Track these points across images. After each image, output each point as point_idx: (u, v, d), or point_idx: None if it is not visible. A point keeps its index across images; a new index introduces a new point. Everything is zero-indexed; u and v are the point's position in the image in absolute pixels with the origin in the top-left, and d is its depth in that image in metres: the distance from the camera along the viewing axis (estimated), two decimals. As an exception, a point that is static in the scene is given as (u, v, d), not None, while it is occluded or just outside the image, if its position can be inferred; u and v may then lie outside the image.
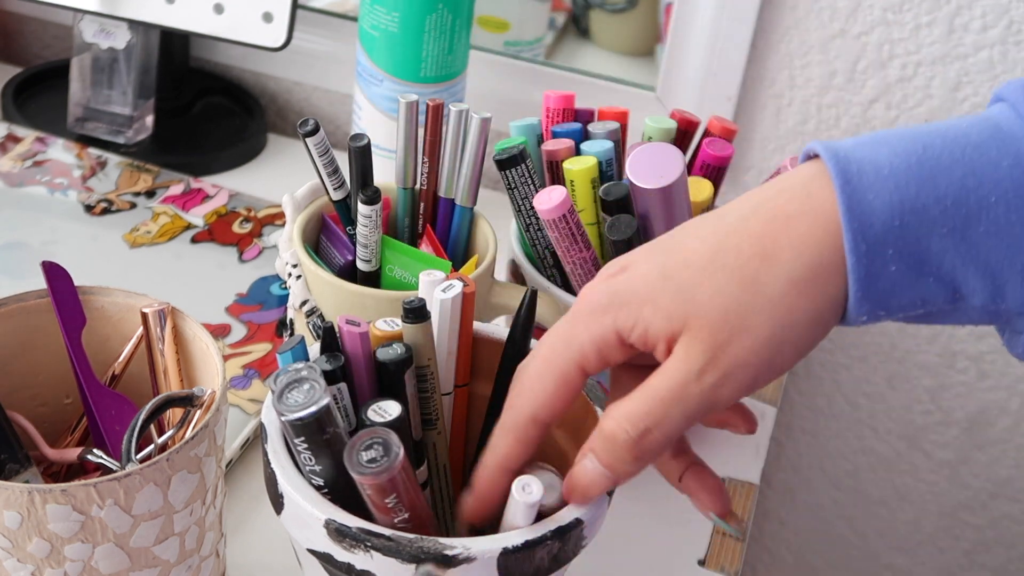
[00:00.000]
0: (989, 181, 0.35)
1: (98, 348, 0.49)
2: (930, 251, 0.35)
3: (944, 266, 0.35)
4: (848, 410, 0.91)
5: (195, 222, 0.76)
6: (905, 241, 0.35)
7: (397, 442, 0.37)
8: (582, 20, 0.97)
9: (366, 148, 0.54)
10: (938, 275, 0.36)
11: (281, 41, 0.78)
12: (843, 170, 0.36)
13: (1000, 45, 0.73)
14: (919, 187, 0.35)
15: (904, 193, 0.35)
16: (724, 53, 0.78)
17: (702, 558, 0.58)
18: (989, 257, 0.35)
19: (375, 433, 0.37)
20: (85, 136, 0.83)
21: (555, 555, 0.39)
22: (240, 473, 0.59)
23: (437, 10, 0.69)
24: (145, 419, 0.44)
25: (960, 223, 0.35)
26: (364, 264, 0.56)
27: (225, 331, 0.66)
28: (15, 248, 0.71)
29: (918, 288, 0.36)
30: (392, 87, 0.72)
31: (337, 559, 0.38)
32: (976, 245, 0.35)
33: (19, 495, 0.39)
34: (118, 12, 0.80)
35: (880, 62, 0.76)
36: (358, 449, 0.37)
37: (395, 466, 0.37)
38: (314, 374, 0.38)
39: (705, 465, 0.42)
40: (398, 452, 0.37)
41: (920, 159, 0.36)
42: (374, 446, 0.37)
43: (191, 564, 0.45)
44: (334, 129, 0.93)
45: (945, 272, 0.36)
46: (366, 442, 0.37)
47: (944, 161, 0.35)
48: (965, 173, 0.35)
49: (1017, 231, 0.35)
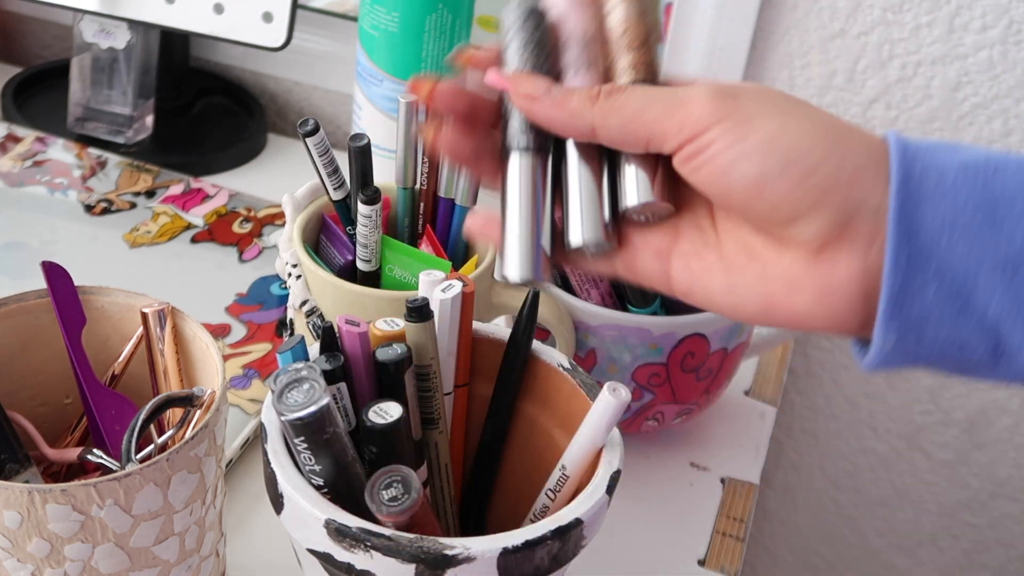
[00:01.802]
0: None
1: (98, 348, 0.49)
2: (976, 286, 0.32)
3: (990, 309, 0.32)
4: (848, 410, 0.91)
5: (195, 222, 0.76)
6: (950, 263, 0.32)
7: (416, 480, 0.38)
8: (582, 20, 0.96)
9: (366, 148, 0.54)
10: (982, 318, 0.32)
11: (281, 41, 0.78)
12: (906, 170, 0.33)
13: (1000, 45, 0.73)
14: (976, 207, 0.32)
15: (960, 211, 0.32)
16: (724, 53, 0.78)
17: (702, 558, 0.58)
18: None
19: (393, 471, 0.38)
20: (85, 136, 0.83)
21: (555, 555, 0.39)
22: (240, 473, 0.59)
23: (437, 10, 0.69)
24: (145, 419, 0.44)
25: (1013, 260, 0.31)
26: (364, 264, 0.56)
27: (225, 331, 0.66)
28: (15, 248, 0.71)
29: (958, 327, 0.32)
30: (392, 87, 0.72)
31: (337, 559, 0.38)
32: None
33: (19, 495, 0.39)
34: (118, 12, 0.80)
35: (880, 62, 0.76)
36: (378, 487, 0.38)
37: (416, 504, 0.37)
38: (314, 374, 0.38)
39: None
40: (419, 489, 0.38)
41: (987, 181, 0.32)
42: (394, 484, 0.38)
43: (191, 564, 0.45)
44: (334, 129, 0.93)
45: (990, 317, 0.32)
46: (385, 480, 0.38)
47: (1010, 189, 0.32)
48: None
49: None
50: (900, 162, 0.33)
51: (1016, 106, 0.75)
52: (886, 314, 0.33)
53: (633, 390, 0.57)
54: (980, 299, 0.32)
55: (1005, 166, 0.33)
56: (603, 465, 0.41)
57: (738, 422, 0.67)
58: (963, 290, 0.32)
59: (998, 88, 0.74)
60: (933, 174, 0.33)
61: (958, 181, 0.32)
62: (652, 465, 0.63)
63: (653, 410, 0.59)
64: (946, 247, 0.32)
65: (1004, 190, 0.32)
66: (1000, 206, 0.32)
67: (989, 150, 0.34)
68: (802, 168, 0.34)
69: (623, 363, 0.56)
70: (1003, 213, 0.32)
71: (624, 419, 0.59)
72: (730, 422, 0.67)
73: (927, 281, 0.32)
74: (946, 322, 0.32)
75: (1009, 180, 0.32)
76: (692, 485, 0.63)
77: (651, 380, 0.57)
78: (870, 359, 0.34)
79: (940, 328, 0.32)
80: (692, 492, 0.62)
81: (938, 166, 0.33)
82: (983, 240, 0.32)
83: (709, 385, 0.59)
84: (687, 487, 0.62)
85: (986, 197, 0.32)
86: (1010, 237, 0.32)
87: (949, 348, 0.33)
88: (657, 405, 0.58)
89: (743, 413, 0.68)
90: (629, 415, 0.59)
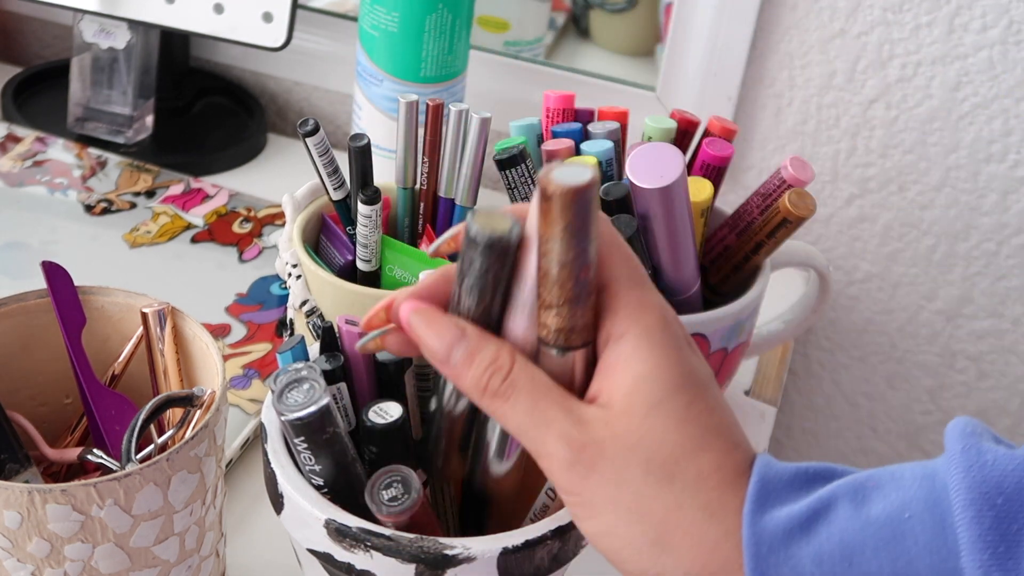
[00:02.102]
0: None
1: (98, 348, 0.49)
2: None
3: None
4: (848, 410, 0.91)
5: (195, 222, 0.76)
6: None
7: (416, 479, 0.38)
8: (582, 20, 0.97)
9: (366, 148, 0.54)
10: None
11: (281, 41, 0.78)
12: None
13: (1000, 45, 0.73)
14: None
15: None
16: (724, 53, 0.78)
17: (702, 558, 0.58)
18: None
19: (393, 471, 0.38)
20: (85, 136, 0.83)
21: (555, 555, 0.39)
22: (240, 473, 0.59)
23: (437, 10, 0.69)
24: (145, 419, 0.44)
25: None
26: (364, 264, 0.56)
27: (225, 331, 0.66)
28: (15, 248, 0.71)
29: None
30: (392, 87, 0.72)
31: (337, 559, 0.38)
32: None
33: (19, 495, 0.39)
34: (118, 12, 0.80)
35: (880, 62, 0.76)
36: (378, 488, 0.38)
37: (416, 504, 0.38)
38: (314, 374, 0.38)
39: None
40: (419, 489, 0.38)
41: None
42: (393, 484, 0.38)
43: (191, 564, 0.45)
44: (334, 129, 0.93)
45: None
46: (384, 481, 0.38)
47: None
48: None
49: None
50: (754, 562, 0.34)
51: (1016, 106, 0.75)
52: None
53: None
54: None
55: (861, 555, 0.33)
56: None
57: (738, 422, 0.67)
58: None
59: (998, 88, 0.74)
60: (787, 572, 0.33)
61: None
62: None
63: (653, 410, 0.59)
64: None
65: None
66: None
67: (849, 532, 0.34)
68: (626, 570, 0.36)
69: (623, 363, 0.56)
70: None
71: (624, 419, 0.59)
72: (730, 422, 0.67)
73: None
74: None
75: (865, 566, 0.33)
76: (692, 485, 0.62)
77: (651, 380, 0.57)
78: None
79: None
80: (692, 492, 0.62)
81: (793, 564, 0.33)
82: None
83: (709, 385, 0.59)
84: (687, 487, 0.62)
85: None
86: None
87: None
88: (657, 405, 0.58)
89: (743, 413, 0.68)
90: (629, 415, 0.59)
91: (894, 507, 0.33)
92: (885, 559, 0.33)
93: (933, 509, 0.33)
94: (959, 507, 0.32)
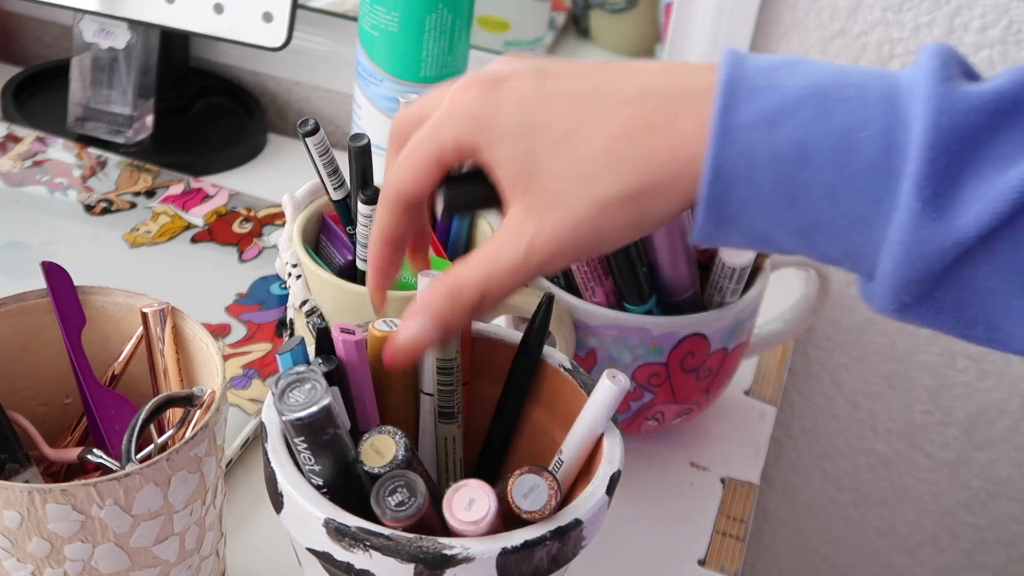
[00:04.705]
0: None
1: (98, 348, 0.49)
2: (775, 237, 0.37)
3: (788, 245, 0.37)
4: (848, 410, 0.91)
5: (195, 222, 0.76)
6: (752, 225, 0.37)
7: (422, 484, 0.38)
8: (582, 20, 0.96)
9: (366, 148, 0.54)
10: (782, 248, 0.37)
11: (281, 41, 0.78)
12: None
13: (1000, 45, 0.73)
14: (779, 195, 0.36)
15: (763, 195, 0.36)
16: (724, 53, 0.78)
17: (702, 558, 0.58)
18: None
19: (399, 476, 0.38)
20: (85, 136, 0.83)
21: (554, 555, 0.39)
22: (240, 473, 0.59)
23: (437, 10, 0.69)
24: (145, 419, 0.44)
25: (806, 229, 0.36)
26: (364, 264, 0.56)
27: (225, 331, 0.66)
28: (15, 248, 0.71)
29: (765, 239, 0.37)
30: (392, 87, 0.72)
31: (336, 558, 0.38)
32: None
33: (19, 495, 0.39)
34: (118, 12, 0.80)
35: (880, 62, 0.76)
36: (384, 493, 0.38)
37: (422, 509, 0.38)
38: (315, 374, 0.38)
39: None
40: (424, 493, 0.38)
41: (791, 175, 0.36)
42: (399, 489, 0.38)
43: (191, 564, 0.45)
44: (334, 129, 0.93)
45: (789, 249, 0.37)
46: (390, 486, 0.38)
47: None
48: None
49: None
50: (717, 147, 0.36)
51: (1016, 106, 0.75)
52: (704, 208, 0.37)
53: (633, 390, 0.57)
54: (779, 243, 0.37)
55: (812, 158, 0.35)
56: (603, 465, 0.41)
57: (738, 422, 0.67)
58: (766, 237, 0.37)
59: (998, 88, 0.74)
60: (744, 162, 0.35)
61: (766, 174, 0.35)
62: (652, 465, 0.63)
63: (653, 410, 0.59)
64: (748, 216, 0.36)
65: (806, 183, 0.35)
66: (799, 196, 0.35)
67: (808, 140, 0.35)
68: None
69: (623, 363, 0.56)
70: (801, 201, 0.35)
71: (624, 419, 0.59)
72: (730, 422, 0.67)
73: (731, 231, 0.37)
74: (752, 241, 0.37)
75: (812, 175, 0.35)
76: (692, 485, 0.63)
77: (651, 380, 0.57)
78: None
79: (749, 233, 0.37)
80: (692, 492, 0.62)
81: (750, 154, 0.35)
82: (781, 214, 0.36)
83: (709, 385, 0.59)
84: (687, 487, 0.62)
85: (789, 188, 0.35)
86: (804, 215, 0.36)
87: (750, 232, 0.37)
88: (657, 405, 0.58)
89: (743, 413, 0.68)
90: (629, 415, 0.59)
91: (853, 124, 0.35)
92: (832, 170, 0.35)
93: (887, 135, 0.34)
94: (916, 146, 0.34)
